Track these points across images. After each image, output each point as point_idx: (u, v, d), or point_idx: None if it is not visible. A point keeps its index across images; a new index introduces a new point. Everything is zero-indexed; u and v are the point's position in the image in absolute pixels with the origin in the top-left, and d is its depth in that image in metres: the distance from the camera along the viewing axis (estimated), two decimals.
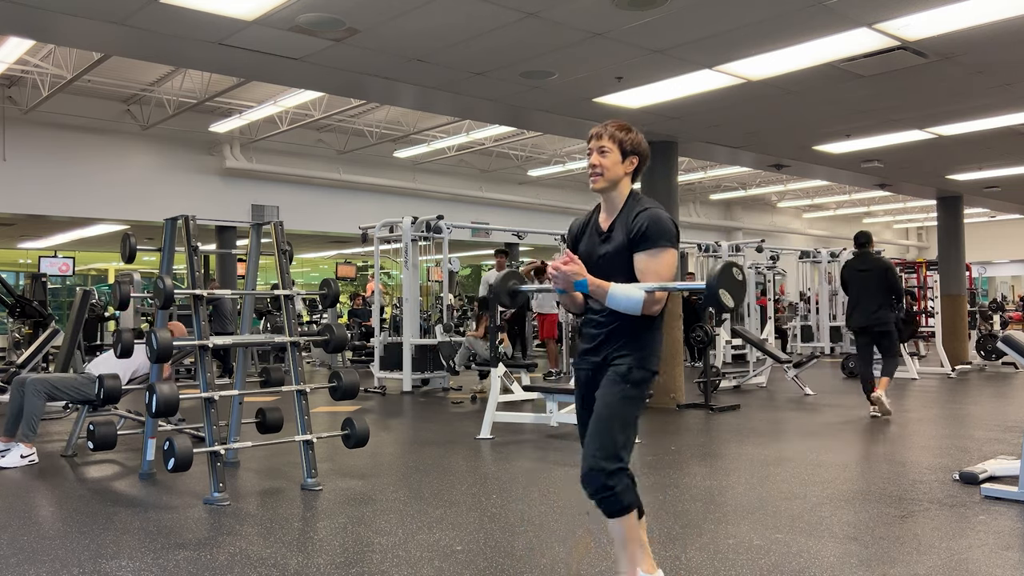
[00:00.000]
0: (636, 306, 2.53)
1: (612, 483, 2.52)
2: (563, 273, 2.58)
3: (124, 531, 3.90)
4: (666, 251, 2.60)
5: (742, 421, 7.39)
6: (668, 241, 2.61)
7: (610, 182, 2.70)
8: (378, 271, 11.39)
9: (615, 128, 2.71)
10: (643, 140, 2.75)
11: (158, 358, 4.54)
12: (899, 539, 3.66)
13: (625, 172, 2.71)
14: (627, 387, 2.61)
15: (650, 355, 2.67)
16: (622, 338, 2.65)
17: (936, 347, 12.34)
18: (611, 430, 2.56)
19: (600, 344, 2.70)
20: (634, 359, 2.63)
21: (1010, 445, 5.90)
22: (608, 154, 2.68)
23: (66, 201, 12.91)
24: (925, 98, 7.48)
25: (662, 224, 2.61)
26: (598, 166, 2.69)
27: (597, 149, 2.70)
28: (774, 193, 21.91)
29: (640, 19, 5.35)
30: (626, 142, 2.69)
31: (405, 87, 7.02)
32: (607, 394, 2.62)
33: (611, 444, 2.55)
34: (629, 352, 2.64)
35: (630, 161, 2.71)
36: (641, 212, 2.65)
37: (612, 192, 2.72)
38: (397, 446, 6.30)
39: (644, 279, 2.59)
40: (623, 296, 2.55)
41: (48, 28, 5.57)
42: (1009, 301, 22.53)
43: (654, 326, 2.67)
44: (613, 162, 2.68)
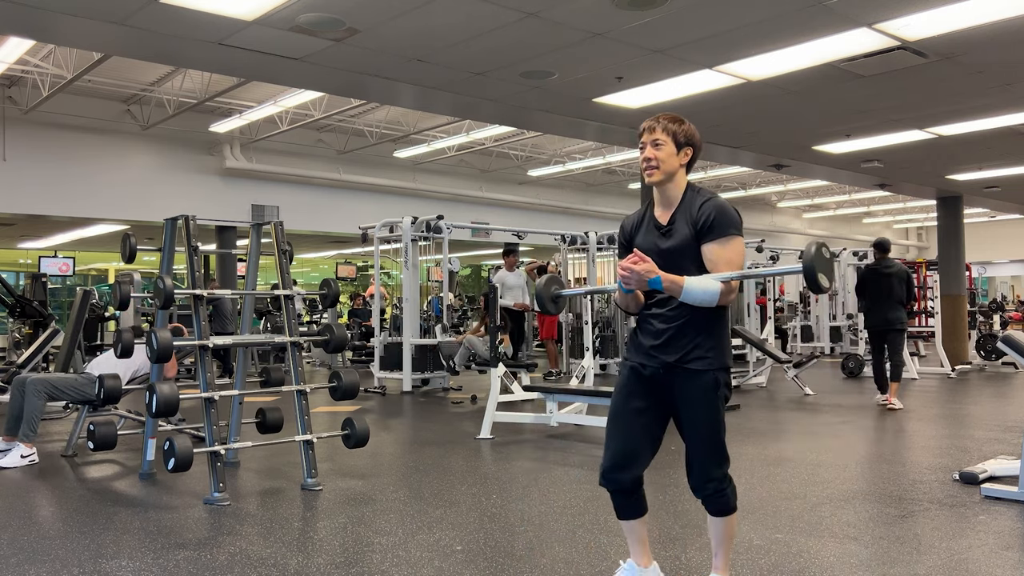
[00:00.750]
0: (713, 298, 2.51)
1: (724, 486, 2.67)
2: (636, 272, 2.54)
3: (124, 531, 3.90)
4: (735, 239, 2.58)
5: (742, 421, 7.39)
6: (736, 229, 2.59)
7: (666, 174, 2.66)
8: (378, 271, 11.39)
9: (668, 120, 2.67)
10: (695, 131, 2.72)
11: (158, 358, 4.54)
12: (899, 539, 3.66)
13: (680, 164, 2.67)
14: (719, 395, 2.66)
15: (726, 349, 2.68)
16: (696, 333, 2.62)
17: (936, 347, 12.34)
18: (719, 439, 2.66)
19: (670, 340, 2.64)
20: (715, 359, 2.63)
21: (1010, 445, 5.90)
22: (663, 146, 2.64)
23: (66, 201, 12.91)
24: (925, 98, 7.48)
25: (728, 213, 2.59)
26: (653, 159, 2.64)
27: (651, 142, 2.65)
28: (774, 193, 21.91)
29: (640, 19, 5.35)
30: (679, 133, 2.65)
31: (405, 87, 7.02)
32: (706, 406, 2.65)
33: (720, 451, 2.67)
34: (708, 351, 2.62)
35: (684, 152, 2.67)
36: (706, 202, 2.62)
37: (668, 184, 2.68)
38: (397, 446, 6.30)
39: (715, 269, 2.56)
40: (699, 289, 2.52)
41: (48, 28, 5.58)
42: (1009, 301, 22.54)
43: (723, 318, 2.66)
44: (668, 154, 2.64)
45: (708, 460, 2.67)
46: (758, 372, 10.39)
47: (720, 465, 2.68)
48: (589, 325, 9.24)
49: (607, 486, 2.76)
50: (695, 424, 2.67)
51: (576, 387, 7.29)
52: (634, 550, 2.89)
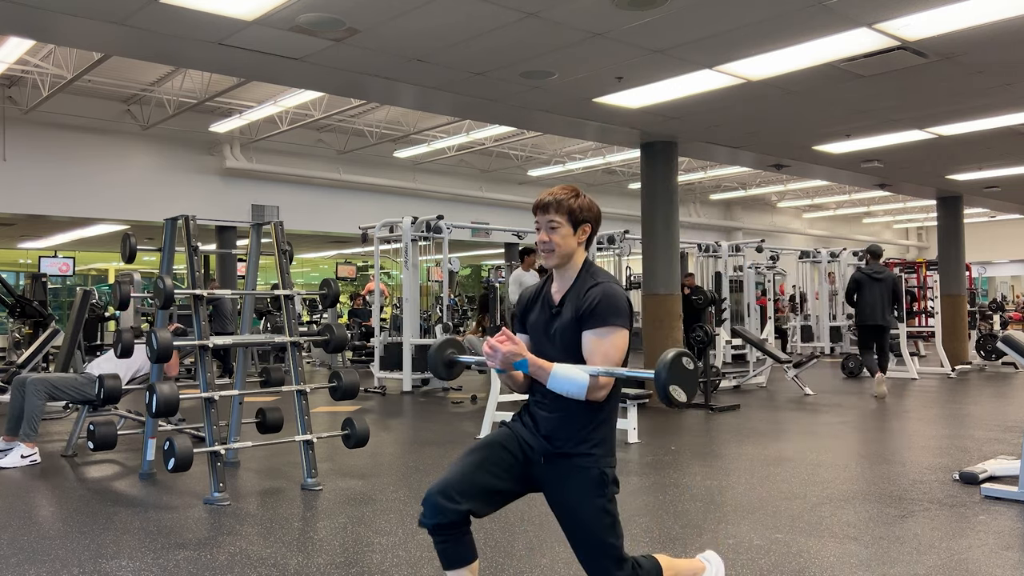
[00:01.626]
0: (580, 390, 2.31)
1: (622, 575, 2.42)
2: (500, 353, 2.35)
3: (124, 531, 3.90)
4: (616, 331, 2.37)
5: (742, 421, 7.39)
6: (619, 320, 2.38)
7: (563, 257, 2.47)
8: (378, 271, 11.39)
9: (563, 195, 2.48)
10: (594, 204, 2.54)
11: (158, 358, 4.54)
12: (899, 539, 3.66)
13: (578, 242, 2.49)
14: (606, 491, 2.41)
15: (611, 449, 2.47)
16: (581, 429, 2.41)
17: (936, 347, 12.34)
18: (612, 540, 2.41)
19: (556, 428, 2.44)
20: (600, 455, 2.42)
21: (1010, 445, 5.90)
22: (558, 228, 2.45)
23: (66, 201, 12.91)
24: (925, 98, 7.48)
25: (614, 301, 2.38)
26: (549, 242, 2.46)
27: (546, 225, 2.46)
28: (774, 193, 21.91)
29: (640, 19, 5.35)
30: (576, 211, 2.46)
31: (405, 87, 7.02)
32: (588, 506, 2.41)
33: (615, 551, 2.41)
34: (594, 446, 2.42)
35: (582, 230, 2.48)
36: (593, 287, 2.42)
37: (566, 265, 2.50)
38: (397, 446, 6.30)
39: (590, 361, 2.36)
40: (565, 379, 2.32)
41: (48, 28, 5.58)
42: (1009, 301, 22.54)
43: (609, 413, 2.46)
44: (564, 236, 2.45)
45: (602, 564, 2.41)
46: (758, 372, 10.39)
47: (616, 568, 2.41)
48: None
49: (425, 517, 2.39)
50: (584, 527, 2.42)
51: None
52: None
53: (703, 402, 8.27)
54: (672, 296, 8.84)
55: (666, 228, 8.96)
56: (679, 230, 9.31)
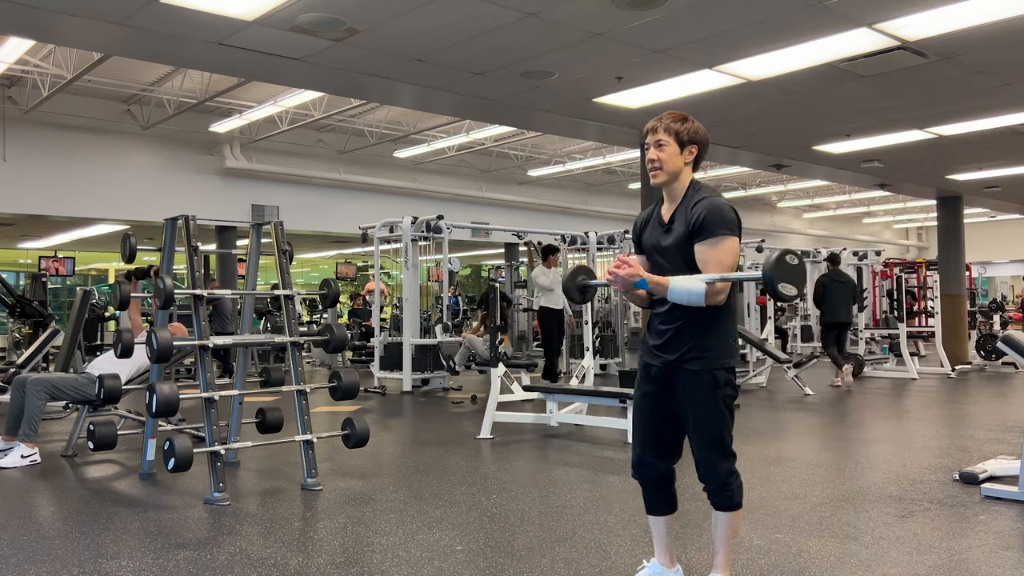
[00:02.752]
0: (698, 298, 2.50)
1: (728, 481, 2.68)
2: (620, 277, 2.56)
3: (124, 531, 3.90)
4: (726, 239, 2.55)
5: (742, 421, 7.39)
6: (727, 229, 2.55)
7: (670, 175, 2.66)
8: (378, 271, 11.39)
9: (671, 120, 2.67)
10: (701, 128, 2.72)
11: (158, 358, 4.54)
12: (899, 539, 3.66)
13: (685, 163, 2.68)
14: (719, 392, 2.63)
15: (725, 350, 2.66)
16: (695, 333, 2.62)
17: (936, 347, 12.34)
18: (719, 436, 2.65)
19: (670, 340, 2.66)
20: (712, 358, 2.62)
21: (1010, 445, 5.90)
22: (666, 147, 2.64)
23: (66, 201, 12.91)
24: (925, 98, 7.48)
25: (721, 212, 2.56)
26: (656, 160, 2.65)
27: (654, 143, 2.65)
28: (774, 193, 21.91)
29: (640, 19, 5.35)
30: (683, 132, 2.66)
31: (405, 87, 7.02)
32: (705, 405, 2.64)
33: (722, 447, 2.66)
34: (706, 350, 2.62)
35: (689, 151, 2.68)
36: (699, 202, 2.60)
37: (673, 184, 2.68)
38: (397, 446, 6.30)
39: (705, 268, 2.54)
40: (683, 290, 2.51)
41: (48, 28, 5.58)
42: (1009, 301, 22.53)
43: (724, 316, 2.64)
44: (671, 154, 2.65)
45: (710, 456, 2.67)
46: (758, 372, 10.39)
47: (723, 461, 2.68)
48: (589, 325, 9.24)
49: (636, 477, 2.83)
50: (696, 422, 2.67)
51: (576, 387, 7.30)
52: (658, 548, 2.92)
53: None
54: None
55: None
56: None
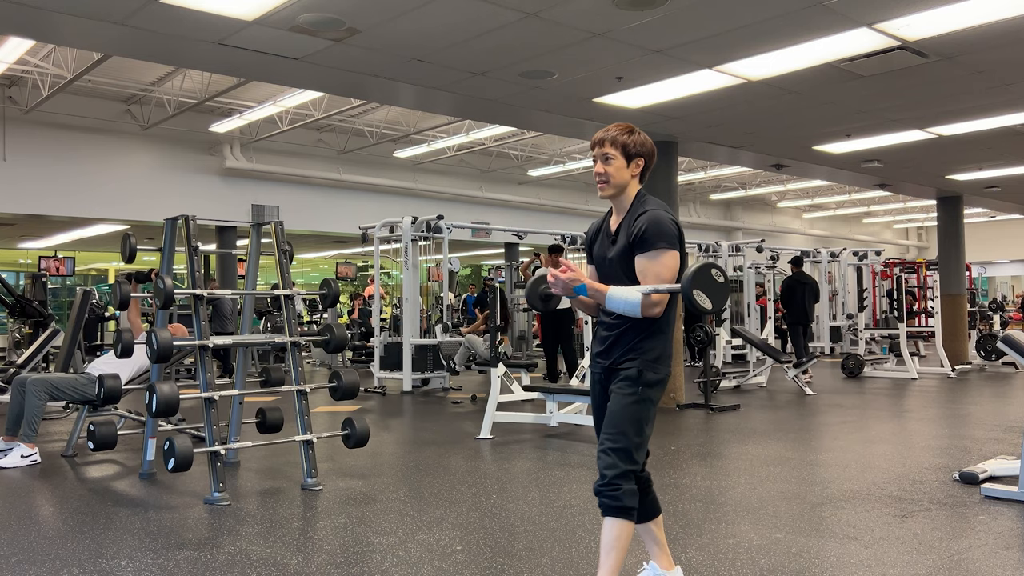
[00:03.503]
0: (635, 308, 2.53)
1: (618, 482, 2.53)
2: (561, 280, 2.60)
3: (124, 531, 3.90)
4: (665, 252, 2.58)
5: (742, 421, 7.39)
6: (666, 242, 2.58)
7: (617, 188, 2.69)
8: (378, 271, 11.39)
9: (617, 132, 2.68)
10: (647, 140, 2.73)
11: (158, 358, 4.54)
12: (899, 539, 3.66)
13: (631, 175, 2.70)
14: (639, 389, 2.61)
15: (659, 358, 2.66)
16: (630, 342, 2.65)
17: (936, 347, 12.34)
18: (623, 431, 2.58)
19: (610, 347, 2.70)
20: (642, 362, 2.63)
21: (1010, 445, 5.90)
22: (613, 160, 2.66)
23: (66, 201, 12.91)
24: (925, 98, 7.48)
25: (661, 226, 2.59)
26: (603, 173, 2.68)
27: (601, 157, 2.68)
28: (774, 193, 21.91)
29: (640, 19, 5.35)
30: (630, 145, 2.67)
31: (405, 87, 7.02)
32: (619, 397, 2.62)
33: (622, 444, 2.56)
34: (637, 356, 2.63)
35: (635, 164, 2.70)
36: (642, 214, 2.63)
37: (620, 196, 2.72)
38: (397, 446, 6.30)
39: (644, 281, 2.58)
40: (620, 299, 2.55)
41: (48, 28, 5.57)
42: (1009, 301, 22.52)
43: (661, 329, 2.66)
44: (618, 168, 2.67)
45: (608, 448, 2.57)
46: (758, 372, 10.39)
47: (619, 459, 2.55)
48: (589, 325, 9.23)
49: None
50: (609, 412, 2.63)
51: (576, 387, 7.30)
52: (652, 552, 2.90)
53: (703, 402, 8.27)
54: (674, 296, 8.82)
55: None
56: None
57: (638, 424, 2.59)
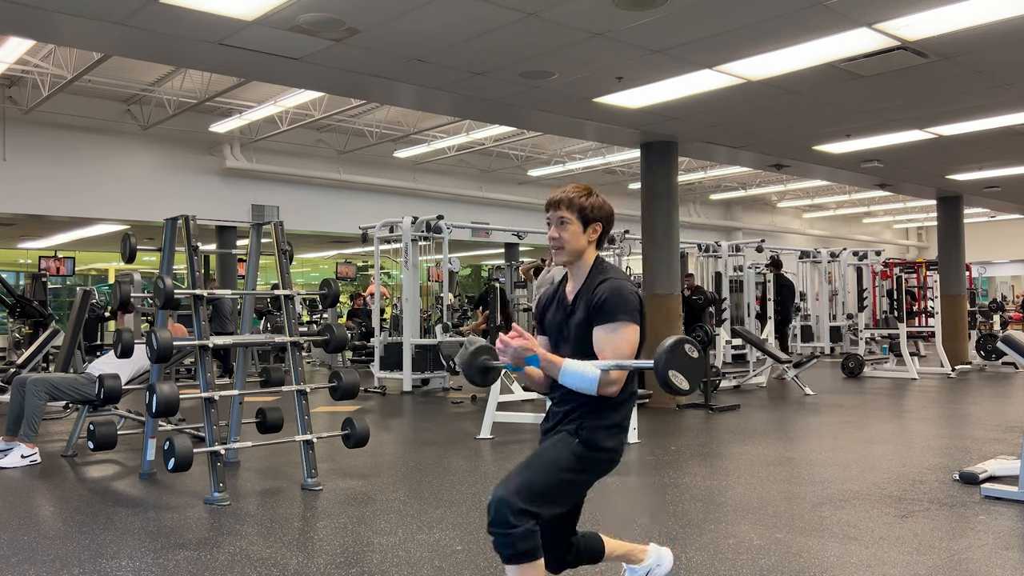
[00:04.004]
0: (590, 385, 2.29)
1: (514, 521, 2.26)
2: (512, 348, 2.34)
3: (124, 531, 3.90)
4: (625, 326, 2.36)
5: (742, 421, 7.39)
6: (627, 315, 2.37)
7: (573, 254, 2.48)
8: (378, 271, 11.39)
9: (575, 194, 2.47)
10: (605, 204, 2.52)
11: (158, 358, 4.54)
12: (899, 539, 3.66)
13: (588, 241, 2.49)
14: (576, 443, 2.38)
15: (612, 431, 2.41)
16: (581, 414, 2.42)
17: (936, 347, 12.34)
18: (535, 472, 2.36)
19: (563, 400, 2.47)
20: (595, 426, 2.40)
21: (1010, 445, 5.90)
22: (569, 225, 2.46)
23: (66, 201, 12.91)
24: (925, 98, 7.48)
25: (622, 296, 2.38)
26: (558, 239, 2.47)
27: (556, 220, 2.47)
28: (774, 193, 21.90)
29: (640, 19, 5.35)
30: (587, 208, 2.46)
31: (405, 87, 7.02)
32: (550, 445, 2.44)
33: (528, 483, 2.32)
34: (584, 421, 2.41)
35: (593, 229, 2.48)
36: (602, 283, 2.42)
37: (577, 263, 2.51)
38: (397, 446, 6.30)
39: (601, 355, 2.36)
40: (576, 374, 2.31)
41: (48, 28, 5.57)
42: (1009, 301, 22.53)
43: (615, 408, 2.43)
44: (574, 233, 2.46)
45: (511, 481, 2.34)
46: (758, 372, 10.39)
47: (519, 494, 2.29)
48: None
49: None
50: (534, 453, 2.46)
51: None
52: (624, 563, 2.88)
53: (703, 402, 8.27)
54: (672, 296, 8.84)
55: (666, 228, 8.96)
56: (679, 230, 9.31)
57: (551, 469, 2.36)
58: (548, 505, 2.34)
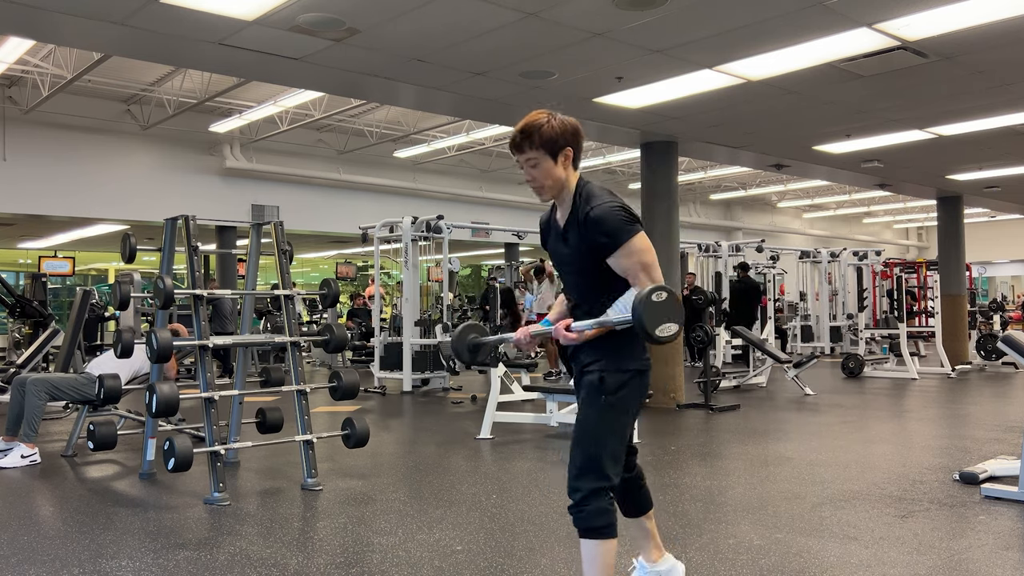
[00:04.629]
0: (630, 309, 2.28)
1: (586, 502, 2.38)
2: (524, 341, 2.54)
3: (124, 531, 3.90)
4: (631, 241, 2.34)
5: (742, 421, 7.39)
6: (626, 231, 2.34)
7: (554, 189, 2.46)
8: (378, 271, 11.39)
9: (534, 127, 2.39)
10: (567, 123, 2.43)
11: (158, 358, 4.54)
12: (899, 539, 3.66)
13: (564, 168, 2.44)
14: (603, 398, 2.42)
15: (624, 355, 2.44)
16: (591, 342, 2.46)
17: (936, 347, 12.34)
18: (588, 446, 2.42)
19: (577, 348, 2.52)
20: (607, 361, 2.43)
21: (1010, 445, 5.90)
22: (540, 163, 2.41)
23: (66, 201, 12.91)
24: (925, 98, 7.48)
25: (615, 217, 2.35)
26: (534, 179, 2.45)
27: (525, 163, 2.43)
28: (774, 193, 21.91)
29: (640, 19, 5.35)
30: (550, 140, 2.39)
31: (405, 87, 7.02)
32: (584, 409, 2.47)
33: (587, 460, 2.40)
34: (603, 354, 2.44)
35: (564, 156, 2.42)
36: (589, 212, 2.37)
37: (562, 193, 2.48)
38: (397, 446, 6.30)
39: (634, 280, 2.37)
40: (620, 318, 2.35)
41: (48, 28, 5.57)
42: (1009, 301, 22.53)
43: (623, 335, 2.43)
44: (547, 170, 2.42)
45: (573, 464, 2.43)
46: (758, 372, 10.39)
47: (586, 474, 2.40)
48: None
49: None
50: (578, 425, 2.48)
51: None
52: (642, 546, 2.89)
53: (703, 402, 8.27)
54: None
55: (666, 228, 8.95)
56: (679, 230, 9.31)
57: (599, 436, 2.41)
58: (614, 465, 2.42)
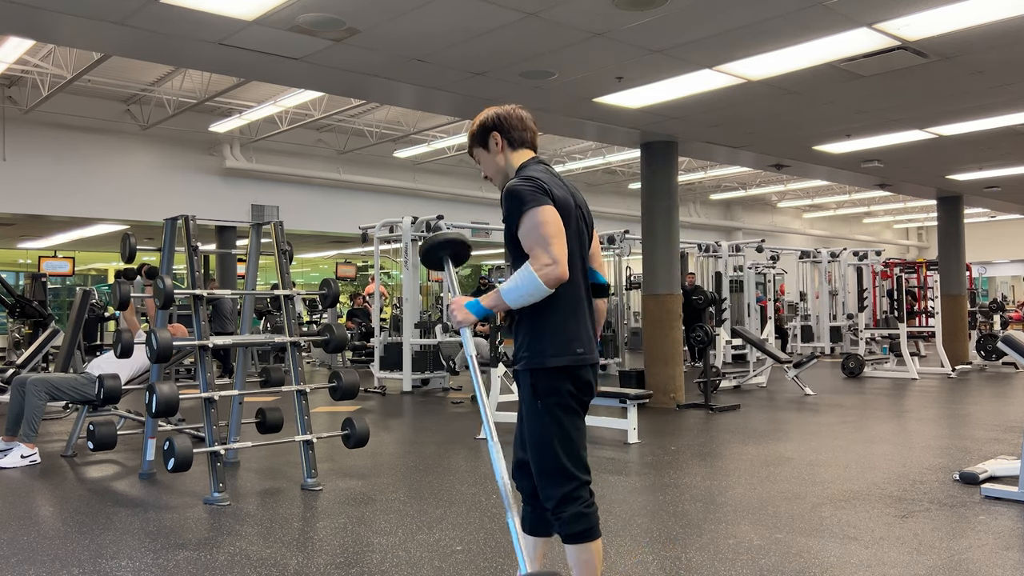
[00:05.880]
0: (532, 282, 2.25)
1: (561, 509, 2.35)
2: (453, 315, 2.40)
3: (124, 531, 3.90)
4: (531, 213, 2.30)
5: (742, 421, 7.39)
6: (527, 204, 2.31)
7: (499, 176, 2.56)
8: (378, 271, 11.39)
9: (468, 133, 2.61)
10: (486, 112, 2.56)
11: (158, 358, 4.54)
12: (899, 539, 3.66)
13: (499, 153, 2.54)
14: (538, 403, 2.37)
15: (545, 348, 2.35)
16: (519, 336, 2.43)
17: (936, 347, 12.34)
18: (542, 457, 2.37)
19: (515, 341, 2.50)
20: (531, 356, 2.37)
21: (1010, 445, 5.90)
22: (480, 158, 2.59)
23: (66, 201, 12.90)
24: (925, 98, 7.48)
25: (514, 195, 2.35)
26: (485, 175, 2.63)
27: (478, 164, 2.63)
28: (774, 193, 21.90)
29: (640, 19, 5.35)
30: (477, 135, 2.56)
31: (405, 87, 7.02)
32: (526, 415, 2.42)
33: (546, 470, 2.37)
34: (527, 348, 2.38)
35: (493, 140, 2.53)
36: (503, 193, 2.43)
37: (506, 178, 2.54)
38: (397, 446, 6.30)
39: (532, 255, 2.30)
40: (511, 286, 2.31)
41: (48, 28, 5.57)
42: (1009, 301, 22.53)
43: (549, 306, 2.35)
44: (486, 161, 2.57)
45: (538, 476, 2.39)
46: (758, 372, 10.39)
47: (549, 484, 2.36)
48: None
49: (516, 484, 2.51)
50: (525, 434, 2.43)
51: None
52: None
53: (703, 402, 8.27)
54: (672, 296, 8.84)
55: (666, 228, 8.96)
56: (679, 230, 9.31)
57: (550, 446, 2.34)
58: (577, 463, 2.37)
